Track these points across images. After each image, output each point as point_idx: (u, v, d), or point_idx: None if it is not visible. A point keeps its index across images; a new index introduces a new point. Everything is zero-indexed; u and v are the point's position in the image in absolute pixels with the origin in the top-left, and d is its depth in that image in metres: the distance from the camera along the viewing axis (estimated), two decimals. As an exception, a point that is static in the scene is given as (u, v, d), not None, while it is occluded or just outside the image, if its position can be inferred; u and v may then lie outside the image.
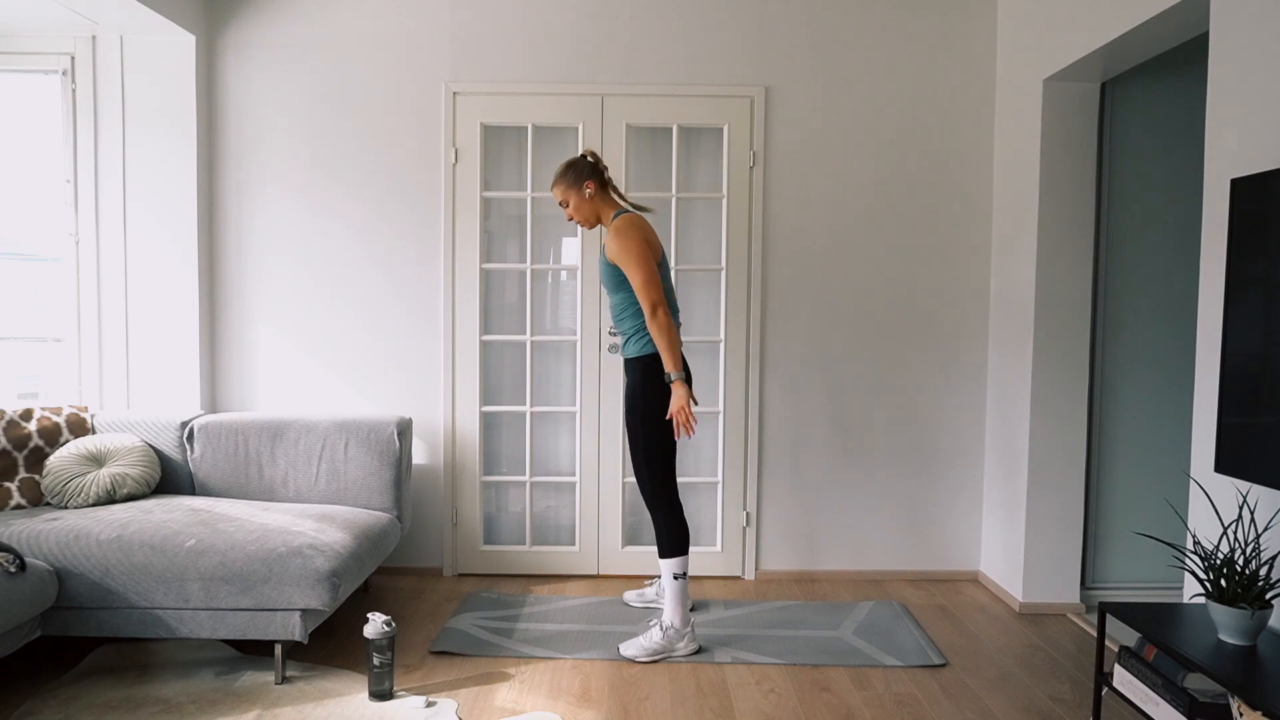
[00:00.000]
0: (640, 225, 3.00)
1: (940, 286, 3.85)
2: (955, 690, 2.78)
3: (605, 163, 3.18)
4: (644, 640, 3.00)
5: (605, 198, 3.11)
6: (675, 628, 3.00)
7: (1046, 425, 3.47)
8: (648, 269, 2.92)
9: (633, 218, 3.01)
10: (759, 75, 3.79)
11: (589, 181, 3.06)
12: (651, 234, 3.03)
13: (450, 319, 3.82)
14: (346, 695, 2.67)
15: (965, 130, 3.81)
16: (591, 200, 3.08)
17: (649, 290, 2.91)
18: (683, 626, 3.01)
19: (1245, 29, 2.35)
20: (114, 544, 2.73)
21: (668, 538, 3.03)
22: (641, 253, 2.93)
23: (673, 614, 3.01)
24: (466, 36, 3.78)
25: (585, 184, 3.06)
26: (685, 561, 3.03)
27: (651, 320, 2.91)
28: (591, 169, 3.08)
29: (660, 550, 3.04)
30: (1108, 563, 3.65)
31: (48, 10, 3.34)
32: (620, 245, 2.94)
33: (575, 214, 3.11)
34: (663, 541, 3.03)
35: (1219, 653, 2.08)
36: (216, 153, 3.81)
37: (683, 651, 3.00)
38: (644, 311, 2.93)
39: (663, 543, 3.03)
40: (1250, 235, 2.17)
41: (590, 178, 3.07)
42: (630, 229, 2.96)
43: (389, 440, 3.42)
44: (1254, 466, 2.12)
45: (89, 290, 3.71)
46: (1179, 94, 3.55)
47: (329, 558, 2.73)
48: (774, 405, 3.87)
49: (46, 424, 3.32)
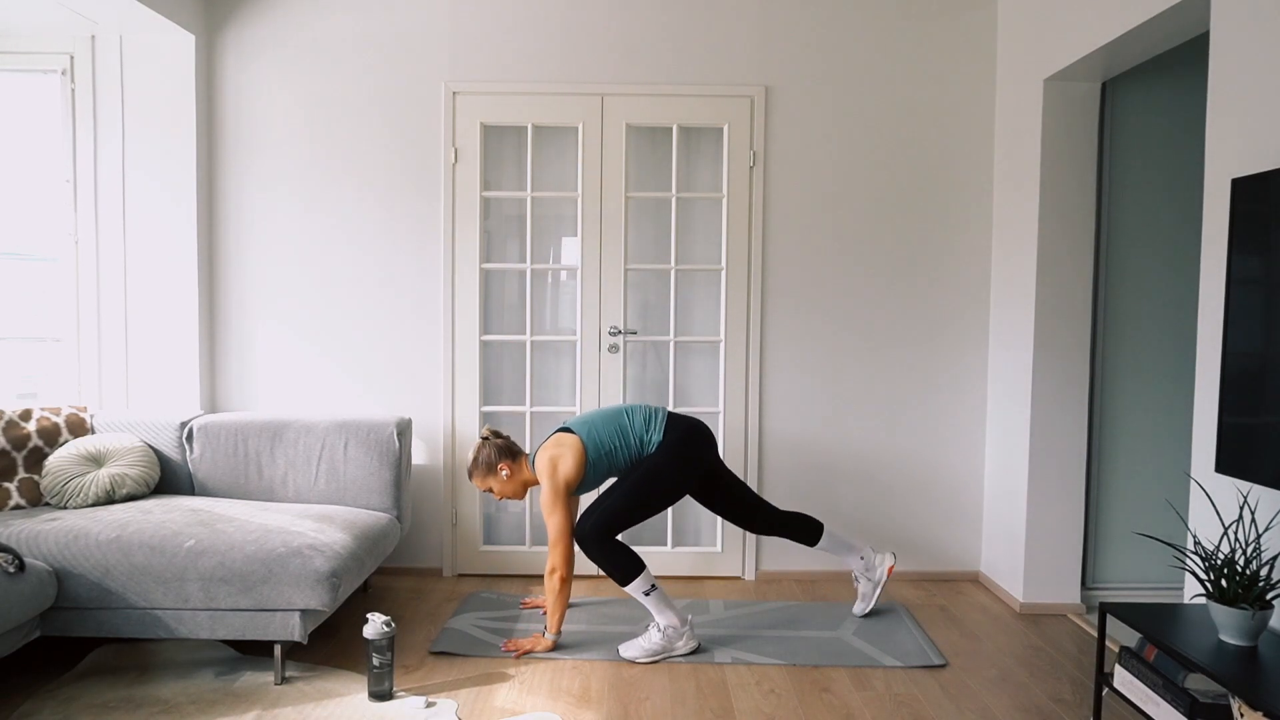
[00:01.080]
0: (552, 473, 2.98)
1: (940, 286, 3.85)
2: (955, 690, 2.78)
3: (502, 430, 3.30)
4: (643, 641, 3.00)
5: (520, 466, 3.13)
6: (674, 627, 3.00)
7: (1047, 425, 3.47)
8: (561, 526, 2.94)
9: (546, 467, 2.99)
10: (759, 75, 3.79)
11: (502, 463, 3.10)
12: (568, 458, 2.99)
13: (450, 319, 3.82)
14: (346, 695, 2.67)
15: (965, 130, 3.81)
16: (512, 478, 3.12)
17: (555, 547, 2.95)
18: (680, 625, 3.00)
19: (1245, 29, 2.34)
20: (113, 544, 2.72)
21: (617, 567, 2.96)
22: (560, 504, 2.95)
23: (665, 617, 3.00)
24: (466, 36, 3.77)
25: (500, 467, 3.10)
26: (647, 575, 2.97)
27: (548, 578, 2.97)
28: (498, 450, 3.11)
29: (617, 581, 2.98)
30: (1108, 563, 3.65)
31: (47, 10, 3.34)
32: (545, 500, 2.98)
33: (504, 494, 3.13)
34: (614, 573, 2.97)
35: (1220, 653, 2.08)
36: (216, 152, 3.81)
37: (682, 649, 3.00)
38: (546, 564, 2.97)
39: (615, 574, 2.97)
40: (1251, 235, 2.17)
41: (501, 459, 3.10)
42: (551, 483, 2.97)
43: (389, 440, 3.42)
44: (1255, 466, 2.12)
45: (88, 290, 3.70)
46: (1179, 94, 3.55)
47: (328, 558, 2.73)
48: (774, 405, 3.86)
49: (46, 424, 3.32)
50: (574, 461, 3.00)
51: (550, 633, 3.02)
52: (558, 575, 2.96)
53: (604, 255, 3.80)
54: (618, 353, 3.83)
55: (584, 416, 3.13)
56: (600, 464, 3.05)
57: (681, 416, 3.14)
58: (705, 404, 3.89)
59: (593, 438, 3.04)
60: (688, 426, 3.10)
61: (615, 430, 3.06)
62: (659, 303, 3.91)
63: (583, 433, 3.05)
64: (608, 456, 3.05)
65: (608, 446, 3.04)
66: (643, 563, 2.99)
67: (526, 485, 3.16)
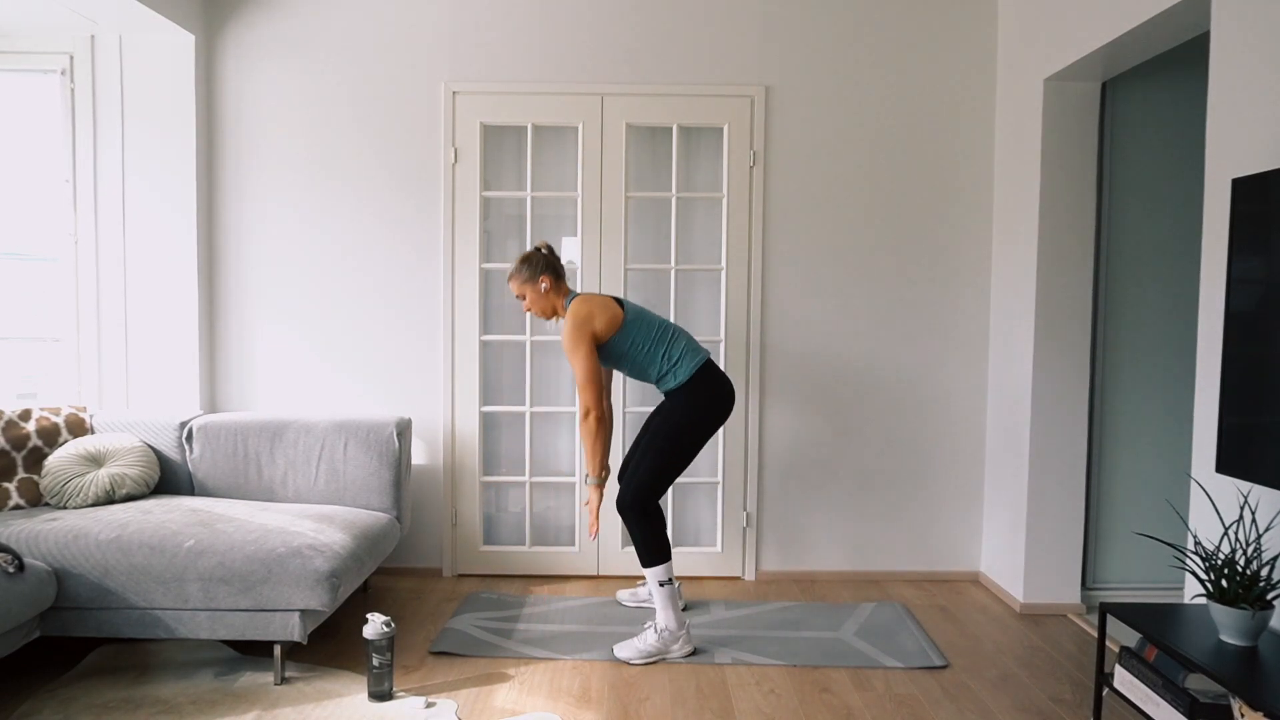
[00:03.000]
0: (587, 318, 2.99)
1: (940, 286, 3.85)
2: (956, 691, 2.78)
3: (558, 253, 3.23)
4: (638, 642, 3.00)
5: (560, 290, 3.13)
6: (670, 630, 2.99)
7: (1047, 425, 3.47)
8: (585, 370, 2.95)
9: (580, 309, 3.00)
10: (759, 75, 3.79)
11: (544, 276, 3.10)
12: (605, 314, 3.01)
13: (450, 318, 3.82)
14: (346, 696, 2.66)
15: (965, 130, 3.81)
16: (547, 295, 3.11)
17: (584, 393, 2.96)
18: (677, 629, 3.00)
19: (1245, 29, 2.34)
20: (113, 544, 2.72)
21: (647, 547, 3.01)
22: (587, 350, 2.96)
23: (666, 618, 3.00)
24: (466, 36, 3.77)
25: (541, 279, 3.10)
26: (670, 567, 3.01)
27: (582, 423, 2.98)
28: (546, 263, 3.11)
29: (641, 559, 3.02)
30: (1108, 563, 3.65)
31: (47, 10, 3.34)
32: (567, 341, 2.99)
33: (533, 307, 3.14)
34: (643, 550, 3.01)
35: (1220, 653, 2.08)
36: (215, 152, 3.80)
37: (678, 654, 3.00)
38: (578, 409, 2.97)
39: (643, 552, 3.02)
40: (1251, 235, 2.17)
41: (545, 272, 3.10)
42: (577, 325, 2.97)
43: (388, 440, 3.42)
44: (1255, 467, 2.12)
45: (88, 290, 3.70)
46: (1179, 94, 3.55)
47: (328, 558, 2.73)
48: (774, 405, 3.86)
49: (45, 424, 3.32)
50: (606, 323, 3.00)
51: (593, 476, 3.02)
52: (592, 416, 2.95)
53: (604, 255, 3.80)
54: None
55: (641, 307, 3.15)
56: (621, 348, 3.04)
57: (715, 373, 3.08)
58: (705, 404, 3.89)
59: (636, 325, 3.04)
60: (718, 385, 3.06)
61: (656, 337, 3.06)
62: (659, 303, 3.90)
63: (630, 315, 3.06)
64: (632, 350, 3.04)
65: (640, 343, 3.04)
66: (671, 553, 3.03)
67: (555, 310, 3.15)
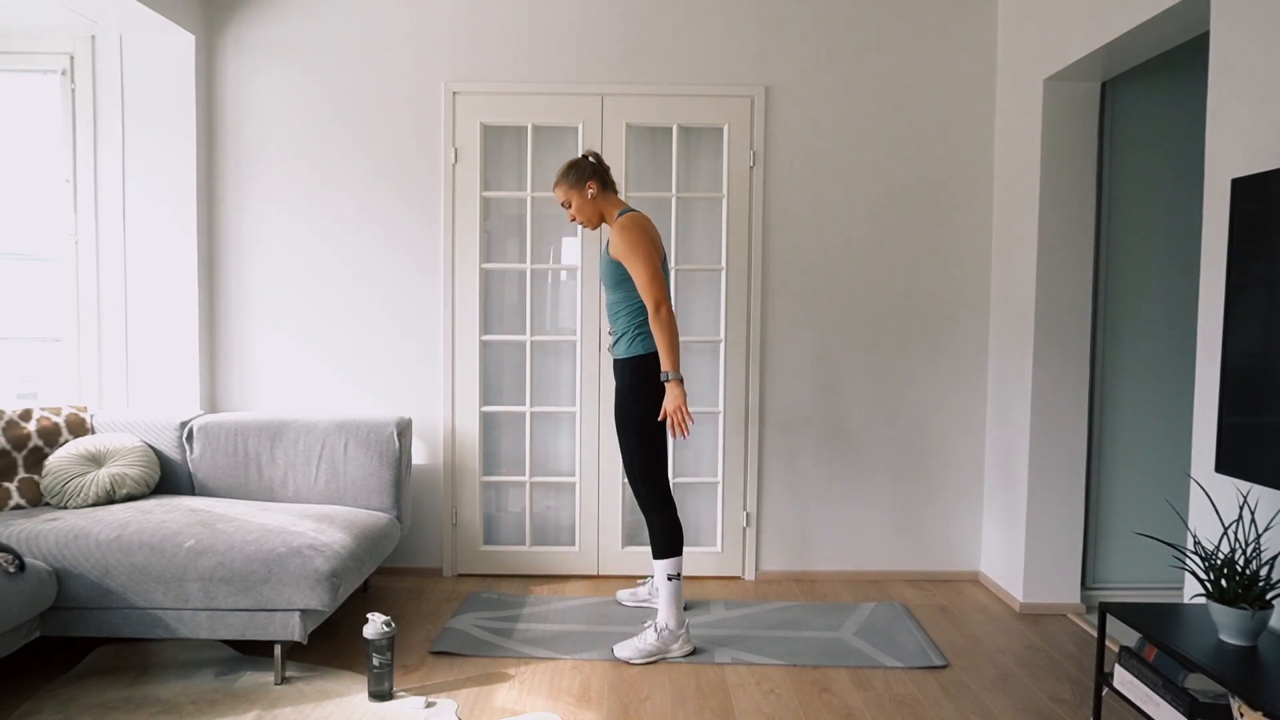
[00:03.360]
0: (645, 224, 3.01)
1: (940, 286, 3.85)
2: (955, 691, 2.78)
3: (607, 162, 3.17)
4: (638, 642, 3.00)
5: (608, 198, 3.11)
6: (670, 629, 3.00)
7: (1047, 425, 3.47)
8: (652, 266, 2.93)
9: (638, 216, 3.02)
10: (759, 75, 3.79)
11: (591, 182, 3.07)
12: (656, 234, 3.04)
13: (450, 319, 3.82)
14: (346, 696, 2.67)
15: (965, 130, 3.81)
16: (594, 201, 3.08)
17: (654, 287, 2.92)
18: (677, 628, 3.00)
19: (1245, 29, 2.34)
20: (113, 544, 2.72)
21: (662, 538, 3.02)
22: (647, 250, 2.93)
23: (667, 615, 3.00)
24: (466, 36, 3.77)
25: (588, 185, 3.07)
26: (679, 562, 3.02)
27: (654, 316, 2.91)
28: (593, 169, 3.08)
29: (654, 551, 3.04)
30: (1108, 563, 3.65)
31: (47, 10, 3.34)
32: (626, 242, 2.94)
33: (578, 214, 3.11)
34: (656, 542, 3.03)
35: (1219, 653, 2.08)
36: (216, 152, 3.81)
37: (677, 653, 3.00)
38: (648, 308, 2.93)
39: (656, 543, 3.03)
40: (1251, 235, 2.17)
41: (592, 178, 3.07)
42: (636, 227, 2.97)
43: (389, 440, 3.42)
44: (1254, 466, 2.12)
45: (88, 290, 3.70)
46: (1179, 94, 3.55)
47: (328, 558, 2.73)
48: (774, 405, 3.86)
49: (46, 424, 3.32)
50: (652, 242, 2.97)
51: (673, 372, 2.91)
52: (664, 308, 2.90)
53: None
54: (618, 353, 3.83)
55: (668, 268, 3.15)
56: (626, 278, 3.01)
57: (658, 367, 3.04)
58: (705, 404, 3.89)
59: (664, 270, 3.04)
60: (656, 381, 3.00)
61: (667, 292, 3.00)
62: (659, 303, 3.90)
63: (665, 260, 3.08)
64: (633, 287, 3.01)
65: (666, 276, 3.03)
66: (682, 549, 3.04)
67: (601, 218, 3.12)
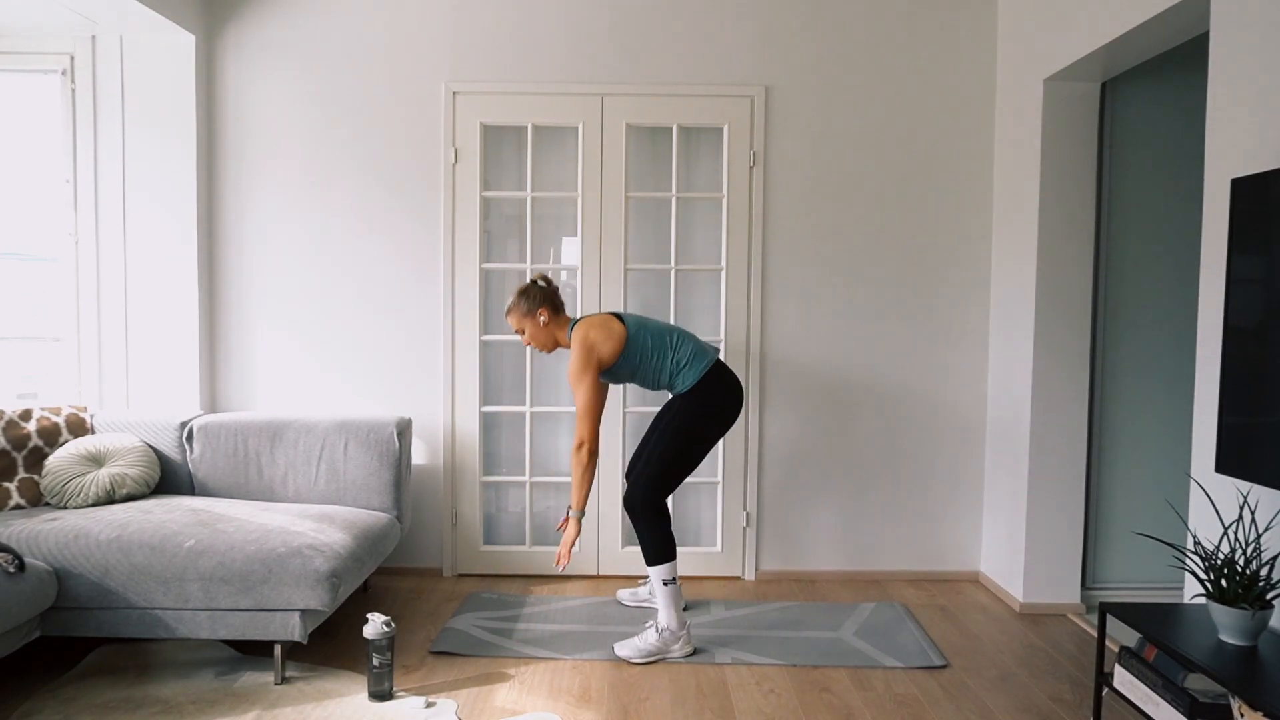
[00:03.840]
0: (591, 346, 2.97)
1: (940, 286, 3.85)
2: (955, 691, 2.78)
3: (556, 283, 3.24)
4: (639, 641, 3.00)
5: (559, 321, 3.12)
6: (671, 630, 3.00)
7: (1047, 425, 3.47)
8: (587, 399, 2.95)
9: (585, 338, 2.98)
10: (759, 75, 3.79)
11: (543, 309, 3.09)
12: (609, 340, 2.99)
13: (450, 319, 3.82)
14: (346, 696, 2.67)
15: (965, 130, 3.81)
16: (546, 327, 3.10)
17: (582, 423, 2.96)
18: (679, 629, 3.01)
19: (1245, 29, 2.34)
20: (113, 544, 2.72)
21: (654, 545, 3.01)
22: (589, 379, 2.96)
23: (667, 618, 3.00)
24: (466, 36, 3.77)
25: (539, 311, 3.09)
26: (674, 566, 3.02)
27: (575, 453, 2.97)
28: (543, 295, 3.10)
29: (647, 558, 3.03)
30: (1108, 563, 3.65)
31: (48, 10, 3.34)
32: (572, 369, 2.98)
33: (532, 341, 3.13)
34: (649, 549, 3.02)
35: (1219, 653, 2.08)
36: (216, 152, 3.81)
37: (678, 654, 3.00)
38: (574, 439, 2.98)
39: (649, 550, 3.02)
40: (1251, 235, 2.17)
41: (543, 304, 3.09)
42: (585, 354, 2.96)
43: (389, 440, 3.42)
44: (1254, 466, 2.12)
45: (88, 290, 3.70)
46: (1179, 94, 3.55)
47: (328, 558, 2.73)
48: (774, 405, 3.86)
49: (46, 424, 3.32)
50: (612, 349, 2.99)
51: (576, 510, 3.00)
52: (585, 448, 2.94)
53: (604, 255, 3.80)
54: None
55: (641, 316, 3.13)
56: (629, 365, 3.04)
57: (725, 374, 3.07)
58: (705, 404, 3.89)
59: (639, 338, 3.03)
60: (727, 386, 3.05)
61: (661, 344, 3.05)
62: (659, 303, 3.91)
63: (631, 328, 3.04)
64: (640, 363, 3.04)
65: (646, 354, 3.03)
66: (675, 552, 3.04)
67: (556, 342, 3.14)
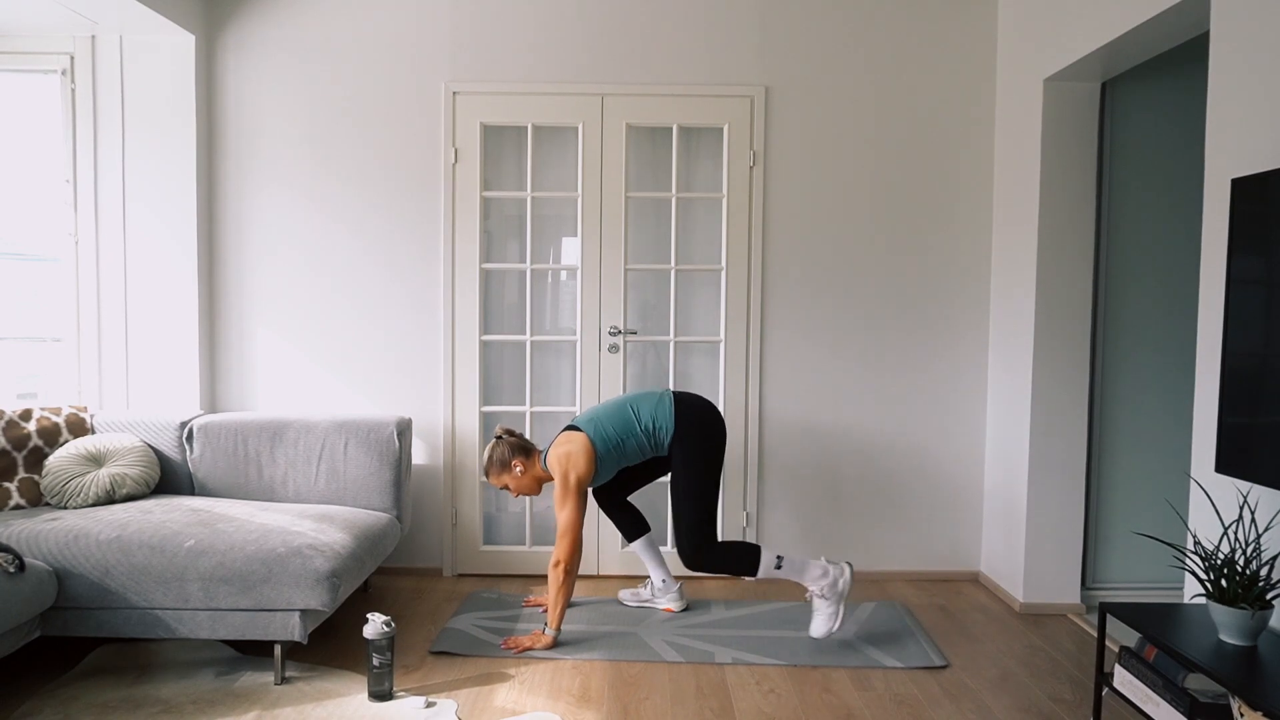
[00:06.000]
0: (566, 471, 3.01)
1: (940, 286, 3.85)
2: (955, 690, 2.78)
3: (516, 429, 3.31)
4: (819, 618, 3.05)
5: (533, 462, 3.17)
6: (824, 582, 3.02)
7: (1047, 425, 3.47)
8: (570, 519, 3.00)
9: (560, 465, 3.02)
10: (759, 75, 3.79)
11: (516, 459, 3.14)
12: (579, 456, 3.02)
13: (450, 319, 3.82)
14: (346, 695, 2.67)
15: (965, 130, 3.81)
16: (526, 473, 3.16)
17: (561, 540, 3.00)
18: (821, 575, 3.02)
19: (1245, 29, 2.34)
20: (113, 544, 2.72)
21: (740, 567, 3.03)
22: (573, 500, 3.00)
23: (808, 577, 3.03)
24: (466, 36, 3.77)
25: (514, 463, 3.14)
26: (768, 555, 3.02)
27: (552, 569, 3.00)
28: (511, 448, 3.15)
29: (748, 576, 3.05)
30: (1108, 563, 3.65)
31: (48, 10, 3.34)
32: (558, 497, 3.02)
33: (519, 491, 3.19)
34: (741, 571, 3.04)
35: (1219, 653, 2.08)
36: (216, 152, 3.81)
37: (845, 585, 3.03)
38: (552, 556, 3.05)
39: (742, 571, 3.04)
40: (1251, 235, 2.17)
41: (515, 455, 3.14)
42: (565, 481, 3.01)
43: (389, 440, 3.42)
44: (1255, 466, 2.12)
45: (88, 290, 3.70)
46: (1179, 94, 3.55)
47: (328, 558, 2.73)
48: (774, 405, 3.86)
49: (46, 424, 3.32)
50: (585, 460, 3.03)
51: (551, 628, 3.03)
52: (561, 567, 2.98)
53: (604, 255, 3.80)
54: (618, 353, 3.83)
55: (589, 414, 3.15)
56: (610, 458, 3.09)
57: (689, 400, 3.12)
58: (705, 404, 3.89)
59: (600, 434, 3.07)
60: (699, 413, 3.09)
61: (622, 424, 3.09)
62: (659, 303, 3.91)
63: (590, 430, 3.08)
64: (617, 450, 3.08)
65: (615, 441, 3.07)
66: (758, 546, 3.05)
67: (540, 481, 3.20)
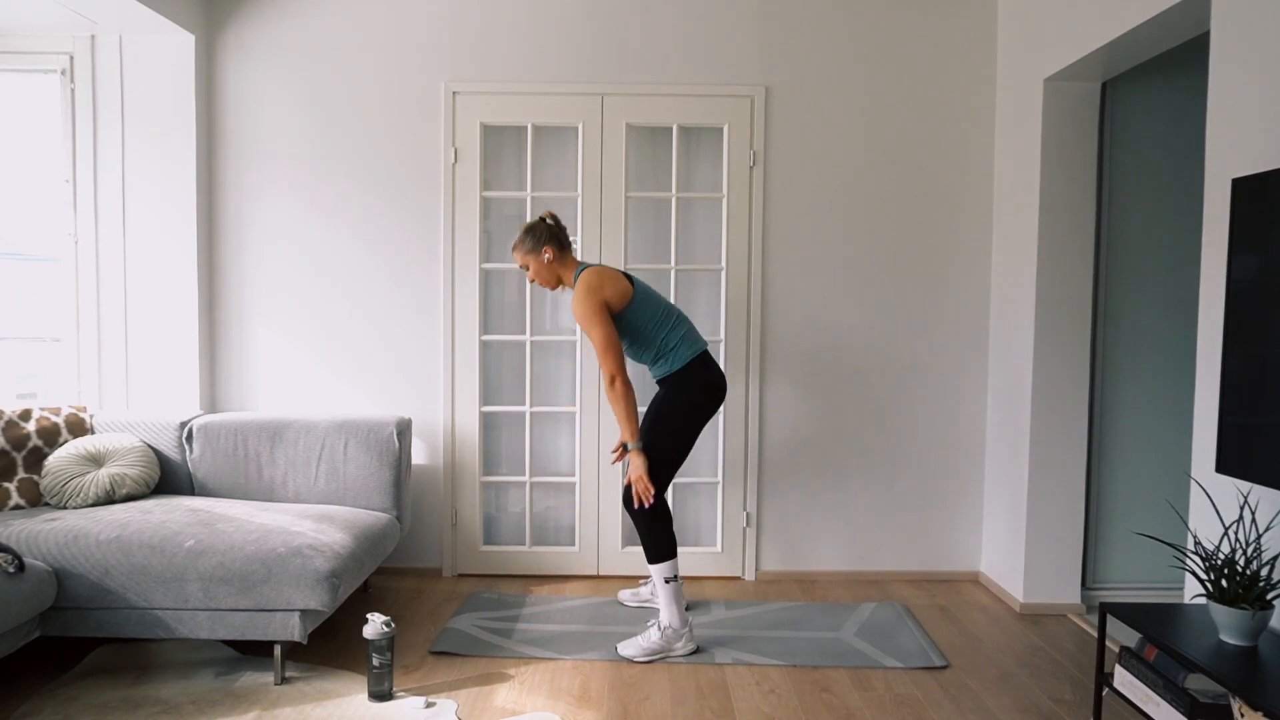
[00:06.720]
0: (600, 284, 2.97)
1: (940, 286, 3.85)
2: (956, 691, 2.78)
3: (564, 223, 3.20)
4: (642, 640, 3.01)
5: (565, 261, 3.11)
6: (673, 628, 3.00)
7: (1047, 425, 3.47)
8: (604, 334, 2.93)
9: (590, 278, 2.98)
10: (759, 75, 3.79)
11: (548, 247, 3.08)
12: (616, 285, 2.99)
13: (450, 319, 3.82)
14: (346, 696, 2.67)
15: (965, 130, 3.81)
16: (551, 265, 3.10)
17: (606, 359, 2.93)
18: (680, 627, 3.01)
19: (1245, 29, 2.34)
20: (113, 544, 2.72)
21: (654, 543, 3.03)
22: (602, 318, 2.93)
23: (669, 616, 3.01)
24: (466, 36, 3.77)
25: (545, 249, 3.08)
26: (675, 565, 3.03)
27: (609, 389, 2.94)
28: (550, 233, 3.09)
29: (648, 556, 3.04)
30: (1108, 563, 3.65)
31: (47, 10, 3.34)
32: (579, 311, 2.96)
33: (536, 278, 3.13)
34: (650, 548, 3.04)
35: (1220, 653, 2.08)
36: (215, 152, 3.81)
37: (681, 651, 3.00)
38: (603, 378, 2.96)
39: (650, 549, 3.04)
40: (1251, 235, 2.17)
41: (549, 243, 3.08)
42: (587, 293, 2.94)
43: (388, 440, 3.42)
44: (1255, 466, 2.12)
45: (88, 290, 3.70)
46: (1179, 94, 3.55)
47: (328, 558, 2.73)
48: (774, 405, 3.86)
49: (45, 424, 3.32)
50: (616, 294, 2.98)
51: (632, 442, 2.96)
52: (618, 380, 2.93)
53: (604, 255, 3.80)
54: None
55: (649, 288, 3.12)
56: (626, 322, 3.03)
57: (709, 364, 3.09)
58: (705, 404, 3.89)
59: (644, 302, 3.03)
60: (709, 376, 3.07)
61: (660, 318, 3.05)
62: (659, 303, 3.90)
63: (639, 291, 3.05)
64: (636, 326, 3.03)
65: (645, 321, 3.03)
66: (676, 550, 3.05)
67: (559, 280, 3.13)
